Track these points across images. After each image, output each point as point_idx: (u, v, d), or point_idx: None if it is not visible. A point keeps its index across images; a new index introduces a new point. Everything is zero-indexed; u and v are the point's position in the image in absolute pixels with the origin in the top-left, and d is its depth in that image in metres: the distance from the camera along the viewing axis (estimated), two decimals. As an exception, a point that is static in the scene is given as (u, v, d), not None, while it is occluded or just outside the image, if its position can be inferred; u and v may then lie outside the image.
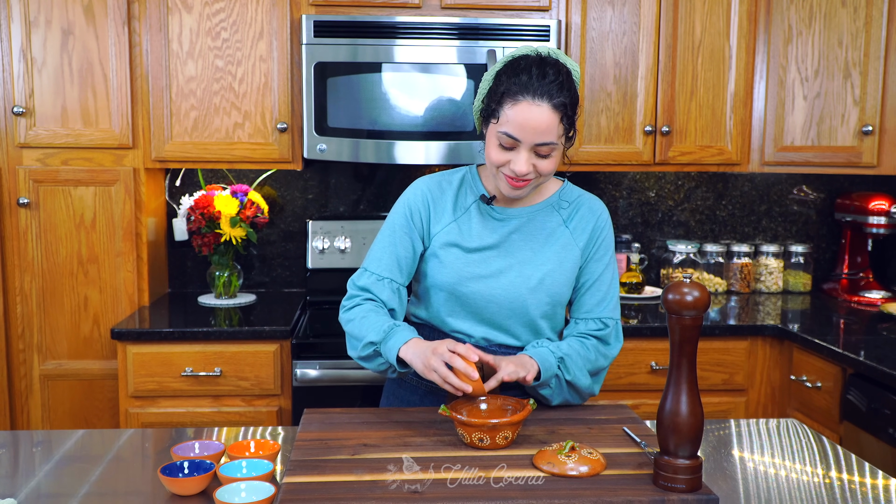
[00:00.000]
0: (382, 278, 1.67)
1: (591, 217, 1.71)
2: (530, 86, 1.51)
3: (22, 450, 1.57)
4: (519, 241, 1.67)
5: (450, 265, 1.66)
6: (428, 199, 1.70)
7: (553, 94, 1.51)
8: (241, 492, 1.26)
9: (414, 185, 1.74)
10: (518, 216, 1.68)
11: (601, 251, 1.70)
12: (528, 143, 1.53)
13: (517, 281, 1.64)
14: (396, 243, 1.68)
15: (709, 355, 2.57)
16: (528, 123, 1.51)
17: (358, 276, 1.70)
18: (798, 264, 3.16)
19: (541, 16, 2.70)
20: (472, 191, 1.71)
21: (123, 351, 2.44)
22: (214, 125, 2.65)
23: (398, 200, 1.74)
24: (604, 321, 1.69)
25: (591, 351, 1.66)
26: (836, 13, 2.76)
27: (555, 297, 1.66)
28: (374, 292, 1.66)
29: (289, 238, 3.10)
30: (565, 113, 1.54)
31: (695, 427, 1.24)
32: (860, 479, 1.42)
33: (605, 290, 1.69)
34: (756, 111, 2.83)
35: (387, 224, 1.72)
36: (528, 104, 1.51)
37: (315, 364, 2.43)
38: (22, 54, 2.56)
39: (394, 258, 1.68)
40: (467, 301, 1.66)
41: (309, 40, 2.58)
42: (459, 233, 1.67)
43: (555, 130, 1.53)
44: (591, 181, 3.16)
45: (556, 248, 1.67)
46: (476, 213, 1.69)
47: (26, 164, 2.61)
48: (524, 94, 1.51)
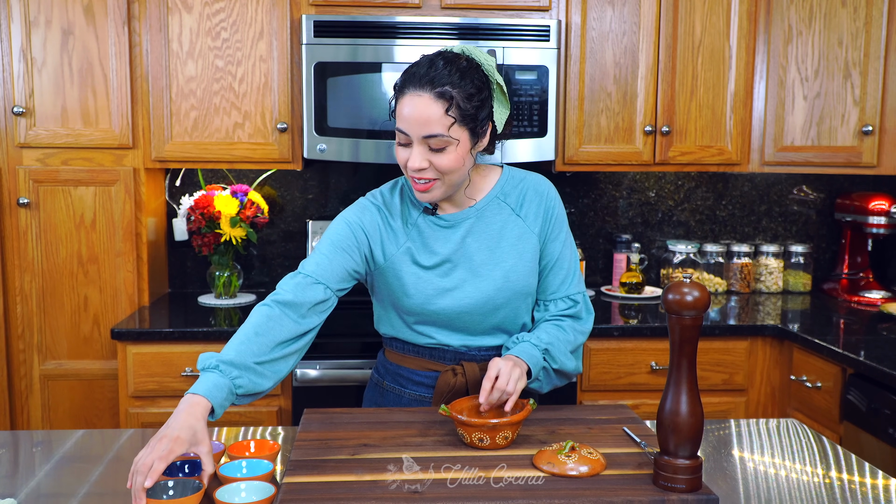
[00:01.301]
0: (318, 282, 1.54)
1: (540, 200, 1.67)
2: (414, 79, 1.49)
3: (22, 450, 1.57)
4: (473, 243, 1.63)
5: (413, 287, 1.61)
6: (380, 227, 1.62)
7: (435, 83, 1.46)
8: (241, 492, 1.26)
9: (364, 209, 1.64)
10: (465, 217, 1.64)
11: (556, 230, 1.67)
12: (416, 135, 1.49)
13: (482, 286, 1.61)
14: (340, 255, 1.58)
15: (709, 355, 2.57)
16: (412, 115, 1.47)
17: (290, 275, 1.57)
18: (798, 264, 3.16)
19: (541, 16, 2.70)
20: (413, 204, 1.65)
21: (123, 351, 2.44)
22: (214, 125, 2.65)
23: (348, 217, 1.63)
24: (572, 298, 1.68)
25: (568, 332, 1.65)
26: (836, 13, 2.76)
27: (522, 290, 1.64)
28: (295, 293, 1.51)
29: (289, 238, 3.10)
30: (453, 103, 1.47)
31: (695, 427, 1.24)
32: (860, 479, 1.42)
33: (568, 268, 1.68)
34: (756, 111, 2.83)
35: (332, 232, 1.61)
36: (410, 96, 1.48)
37: (315, 364, 2.43)
38: (22, 54, 2.56)
39: (333, 265, 1.56)
40: (438, 317, 1.63)
41: (309, 40, 2.58)
42: (415, 251, 1.62)
43: (440, 122, 1.47)
44: (591, 181, 3.16)
45: (512, 241, 1.64)
46: (425, 226, 1.63)
47: (26, 164, 2.61)
48: (407, 86, 1.49)
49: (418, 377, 1.70)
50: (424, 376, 1.69)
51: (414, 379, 1.70)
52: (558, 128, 2.75)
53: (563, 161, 2.78)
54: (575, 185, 3.15)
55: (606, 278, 3.18)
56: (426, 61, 1.51)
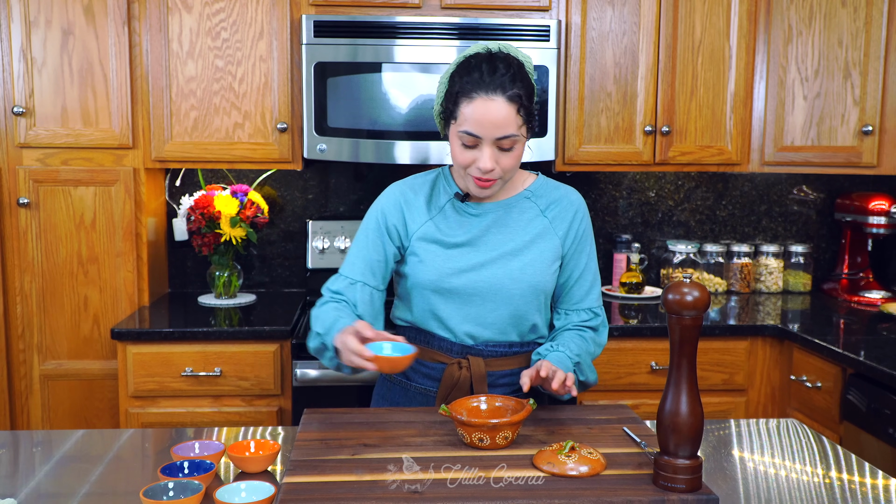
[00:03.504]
0: (355, 282, 1.69)
1: (571, 208, 1.74)
2: (482, 82, 1.55)
3: (22, 450, 1.57)
4: (496, 233, 1.69)
5: (430, 262, 1.67)
6: (401, 202, 1.72)
7: (506, 87, 1.55)
8: (241, 492, 1.26)
9: (386, 191, 1.77)
10: (493, 210, 1.71)
11: (583, 243, 1.74)
12: (489, 138, 1.56)
13: (499, 272, 1.66)
14: (369, 248, 1.71)
15: (709, 355, 2.57)
16: (487, 118, 1.54)
17: (332, 280, 1.73)
18: (798, 264, 3.16)
19: (541, 16, 2.70)
20: (445, 191, 1.73)
21: (123, 351, 2.44)
22: (214, 125, 2.65)
23: (372, 206, 1.76)
24: (594, 311, 1.75)
25: (590, 344, 1.72)
26: (836, 13, 2.76)
27: (537, 286, 1.68)
28: (345, 295, 1.69)
29: (289, 238, 3.10)
30: (521, 104, 1.56)
31: (695, 427, 1.24)
32: (860, 479, 1.42)
33: (592, 280, 1.75)
34: (756, 111, 2.83)
35: (360, 230, 1.74)
36: (483, 100, 1.54)
37: (315, 364, 2.43)
38: (22, 54, 2.56)
39: (366, 263, 1.70)
40: (451, 296, 1.67)
41: (309, 40, 2.58)
42: (437, 230, 1.69)
43: (513, 122, 1.56)
44: (591, 181, 3.16)
45: (533, 237, 1.69)
46: (451, 212, 1.71)
47: (26, 164, 2.61)
48: (477, 90, 1.55)
49: (425, 369, 1.73)
50: (431, 367, 1.72)
51: (421, 371, 1.74)
52: (558, 128, 2.75)
53: (563, 161, 2.78)
54: (575, 185, 3.14)
55: (606, 278, 3.18)
56: (485, 67, 1.56)
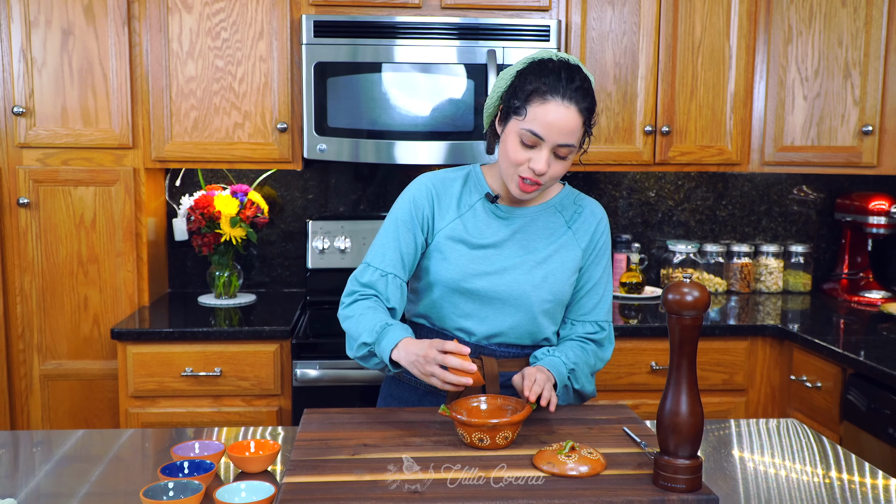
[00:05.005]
0: (386, 274, 1.66)
1: (593, 220, 1.74)
2: (560, 87, 1.54)
3: (22, 450, 1.57)
4: (523, 239, 1.68)
5: (454, 261, 1.66)
6: (432, 194, 1.70)
7: (580, 99, 1.55)
8: (241, 492, 1.26)
9: (418, 180, 1.74)
10: (522, 216, 1.70)
11: (601, 255, 1.74)
12: (552, 142, 1.55)
13: (521, 278, 1.65)
14: (400, 238, 1.68)
15: (709, 355, 2.57)
16: (556, 123, 1.54)
17: (361, 271, 1.69)
18: (798, 264, 3.16)
19: (541, 16, 2.70)
20: (476, 189, 1.72)
21: (123, 351, 2.44)
22: (214, 125, 2.65)
23: (402, 195, 1.73)
24: (600, 324, 1.74)
25: (590, 356, 1.71)
26: (836, 13, 2.76)
27: (557, 295, 1.68)
28: (377, 289, 1.66)
29: (289, 238, 3.10)
30: (587, 119, 1.58)
31: (695, 427, 1.24)
32: (860, 479, 1.42)
33: (602, 294, 1.74)
34: (756, 111, 2.83)
35: (390, 218, 1.71)
36: (557, 105, 1.53)
37: (315, 364, 2.43)
38: (22, 54, 2.56)
39: (397, 253, 1.67)
40: (471, 297, 1.66)
41: (309, 40, 2.58)
42: (465, 229, 1.68)
43: (577, 134, 1.57)
44: (591, 181, 3.16)
45: (558, 247, 1.69)
46: (481, 211, 1.70)
47: (26, 164, 2.61)
48: (554, 94, 1.54)
49: None
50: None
51: None
52: (558, 128, 2.74)
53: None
54: (575, 185, 3.15)
55: (606, 278, 3.18)
56: (564, 74, 1.55)
